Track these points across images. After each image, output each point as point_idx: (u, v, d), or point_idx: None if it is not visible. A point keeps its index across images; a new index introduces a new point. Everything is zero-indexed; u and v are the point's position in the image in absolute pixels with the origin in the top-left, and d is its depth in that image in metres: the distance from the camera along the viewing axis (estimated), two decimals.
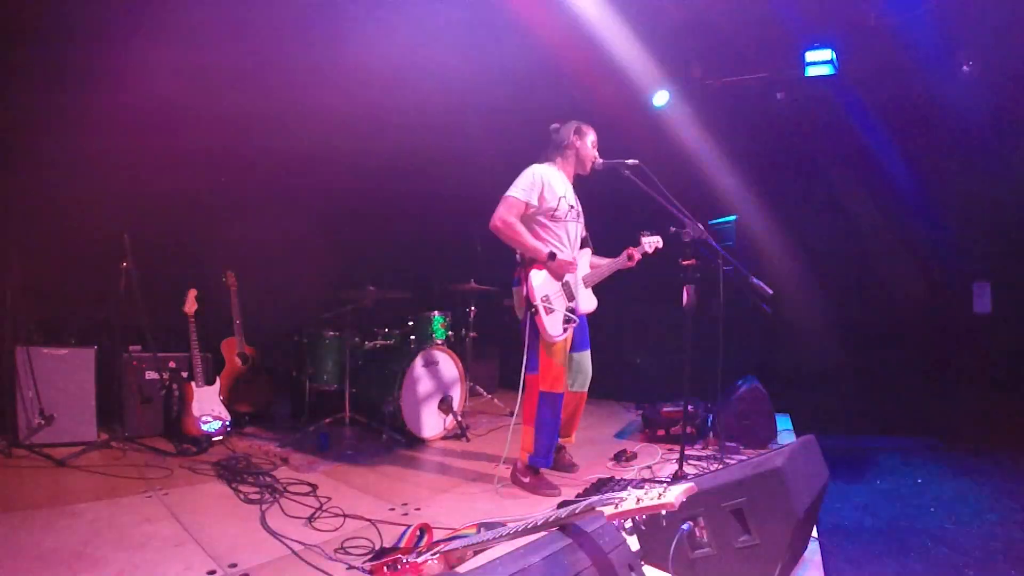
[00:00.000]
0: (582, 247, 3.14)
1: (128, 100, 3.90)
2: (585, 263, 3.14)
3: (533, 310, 2.79)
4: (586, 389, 3.21)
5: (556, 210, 2.92)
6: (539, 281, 2.84)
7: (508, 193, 2.87)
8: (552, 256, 2.82)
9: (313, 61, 4.66)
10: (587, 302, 3.12)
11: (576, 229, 3.06)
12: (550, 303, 2.85)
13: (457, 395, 4.12)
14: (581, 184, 3.19)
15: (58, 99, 3.62)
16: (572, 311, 2.95)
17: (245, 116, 4.49)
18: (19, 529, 2.20)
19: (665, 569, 1.81)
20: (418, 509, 2.63)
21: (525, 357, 2.89)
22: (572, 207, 3.03)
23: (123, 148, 3.92)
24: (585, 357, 3.16)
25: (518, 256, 2.97)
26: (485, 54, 5.00)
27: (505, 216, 2.82)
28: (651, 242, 3.22)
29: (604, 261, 3.23)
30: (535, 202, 2.88)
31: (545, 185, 2.90)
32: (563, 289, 2.94)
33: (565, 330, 2.92)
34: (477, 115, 5.81)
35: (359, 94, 4.97)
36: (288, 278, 4.91)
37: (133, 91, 3.90)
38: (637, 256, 3.20)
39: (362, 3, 4.37)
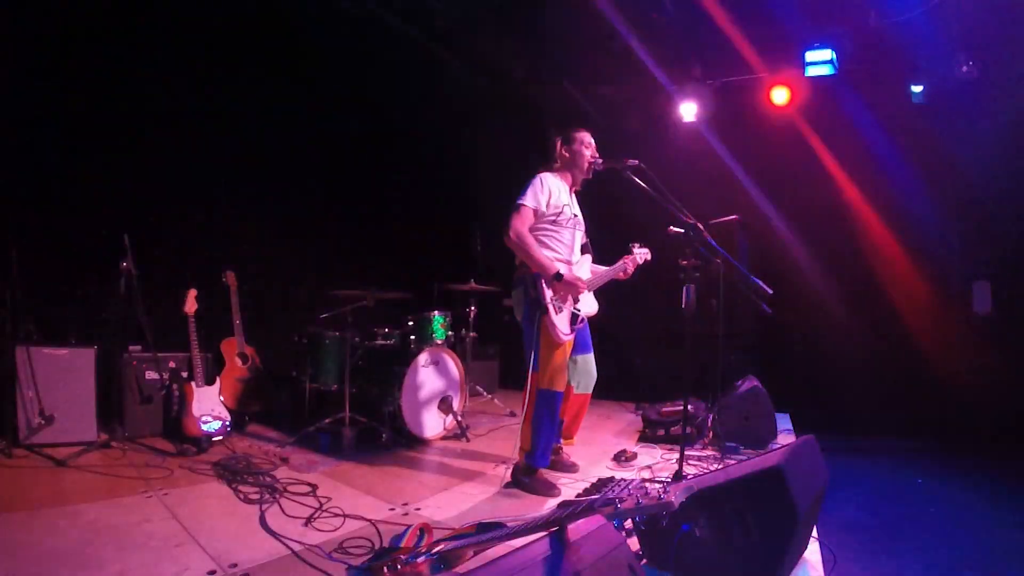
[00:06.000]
0: (582, 253, 3.18)
1: (128, 98, 3.90)
2: (586, 269, 3.19)
3: (542, 310, 2.81)
4: (591, 391, 3.22)
5: (559, 215, 2.96)
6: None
7: (518, 201, 2.90)
8: (559, 276, 2.83)
9: (313, 63, 4.67)
10: (589, 306, 3.15)
11: (577, 237, 3.10)
12: (558, 303, 2.88)
13: (457, 395, 4.12)
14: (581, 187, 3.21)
15: (59, 98, 3.62)
16: (578, 312, 2.99)
17: (246, 115, 4.50)
18: (19, 529, 2.20)
19: (665, 569, 1.81)
20: (418, 509, 2.63)
21: (528, 357, 2.89)
22: (575, 215, 3.08)
23: (123, 147, 3.92)
24: (589, 359, 3.18)
25: (518, 259, 2.99)
26: (485, 52, 5.01)
27: (520, 228, 2.85)
28: (642, 254, 3.27)
29: (602, 269, 3.27)
30: (544, 207, 2.91)
31: (551, 191, 2.95)
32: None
33: (573, 330, 2.95)
34: (478, 116, 5.82)
35: (360, 96, 4.98)
36: (288, 278, 4.91)
37: (133, 89, 3.91)
38: (631, 268, 3.24)
39: (361, 2, 4.37)
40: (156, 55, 3.99)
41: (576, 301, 3.00)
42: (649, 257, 3.29)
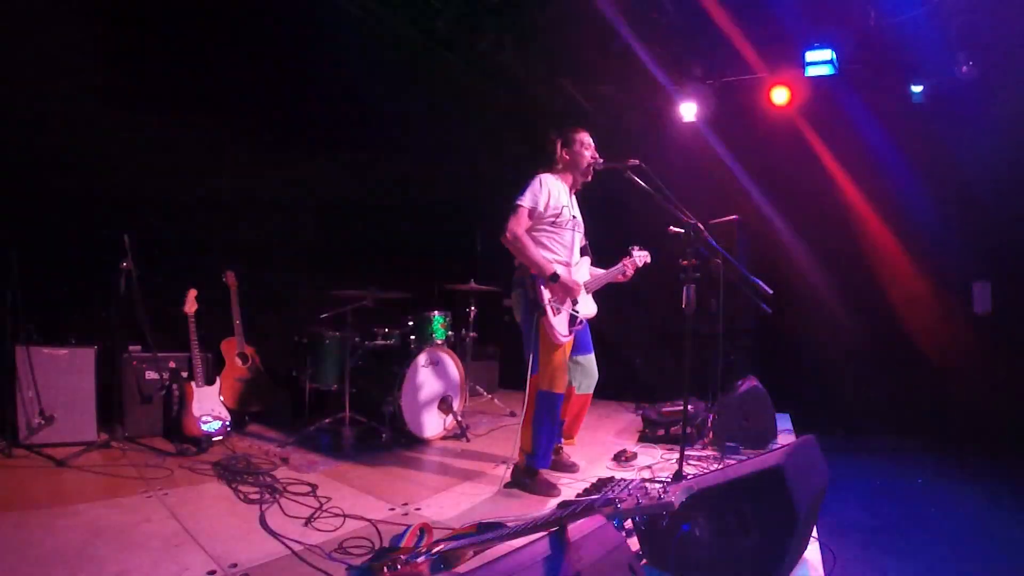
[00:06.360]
0: (581, 255, 3.18)
1: (128, 100, 3.90)
2: (585, 270, 3.19)
3: (540, 311, 2.81)
4: (592, 391, 3.22)
5: (558, 217, 2.96)
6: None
7: (516, 202, 2.91)
8: (555, 277, 2.83)
9: (314, 60, 4.67)
10: (588, 307, 3.15)
11: (576, 238, 3.09)
12: (556, 304, 2.88)
13: (457, 395, 4.12)
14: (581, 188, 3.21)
15: (58, 99, 3.62)
16: (576, 313, 2.99)
17: (246, 115, 4.50)
18: (19, 529, 2.20)
19: (665, 569, 1.81)
20: (418, 509, 2.63)
21: (528, 358, 2.90)
22: (574, 217, 3.08)
23: (124, 148, 3.92)
24: (591, 360, 3.18)
25: (517, 260, 2.99)
26: (486, 52, 5.00)
27: (516, 228, 2.86)
28: (641, 256, 3.27)
29: (601, 271, 3.27)
30: (541, 207, 2.91)
31: (550, 193, 2.94)
32: None
33: (571, 332, 2.95)
34: (478, 116, 5.82)
35: (359, 94, 4.97)
36: (288, 278, 4.91)
37: (133, 91, 3.91)
38: (630, 270, 3.24)
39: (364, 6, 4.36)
40: (156, 53, 3.99)
41: (575, 303, 3.00)
42: (648, 260, 3.30)
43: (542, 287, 2.84)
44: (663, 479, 3.05)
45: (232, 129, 4.45)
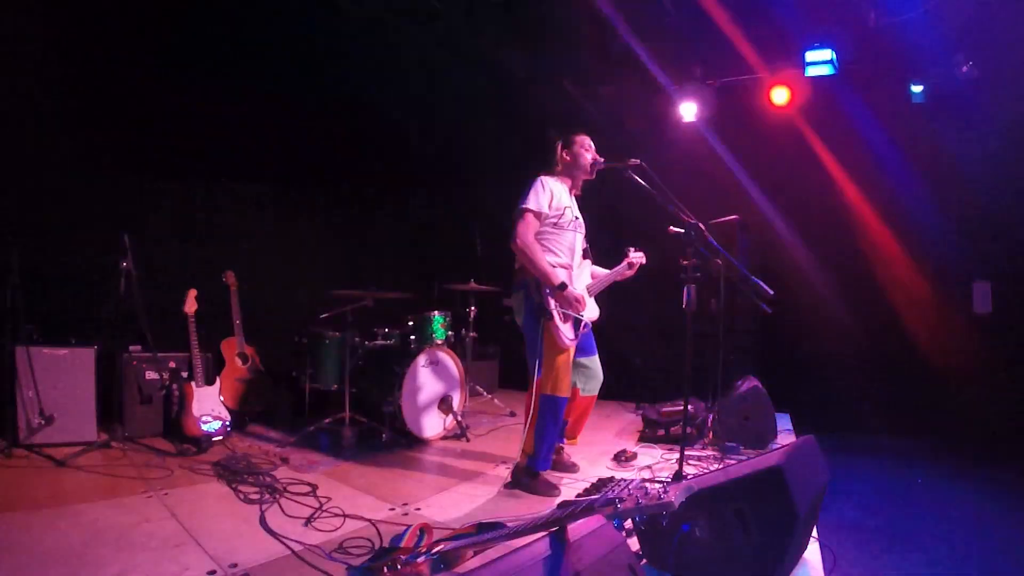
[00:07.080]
0: (583, 257, 3.17)
1: (128, 101, 3.91)
2: (587, 273, 3.19)
3: (547, 316, 2.81)
4: (596, 393, 3.22)
5: (560, 218, 2.95)
6: None
7: (522, 207, 2.89)
8: (563, 286, 2.82)
9: (314, 63, 4.67)
10: (591, 310, 3.15)
11: (578, 240, 3.08)
12: (563, 309, 2.88)
13: (457, 395, 4.12)
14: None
15: (58, 100, 3.62)
16: (581, 317, 2.99)
17: (246, 115, 4.50)
18: (19, 529, 2.20)
19: (665, 569, 1.81)
20: (418, 509, 2.63)
21: (532, 362, 2.89)
22: (576, 218, 3.07)
23: (124, 149, 3.93)
24: (595, 362, 3.19)
25: (518, 262, 2.98)
26: (486, 52, 5.01)
27: (526, 236, 2.84)
28: (637, 257, 3.28)
29: (602, 273, 3.27)
30: (547, 209, 2.90)
31: (552, 194, 2.94)
32: None
33: (577, 335, 2.95)
34: (478, 116, 5.81)
35: (360, 96, 4.98)
36: (288, 278, 4.91)
37: (133, 92, 3.92)
38: (635, 266, 3.25)
39: (363, 4, 4.36)
40: (156, 54, 3.99)
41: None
42: (644, 260, 3.30)
43: (547, 294, 2.84)
44: (663, 479, 3.06)
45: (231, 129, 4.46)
